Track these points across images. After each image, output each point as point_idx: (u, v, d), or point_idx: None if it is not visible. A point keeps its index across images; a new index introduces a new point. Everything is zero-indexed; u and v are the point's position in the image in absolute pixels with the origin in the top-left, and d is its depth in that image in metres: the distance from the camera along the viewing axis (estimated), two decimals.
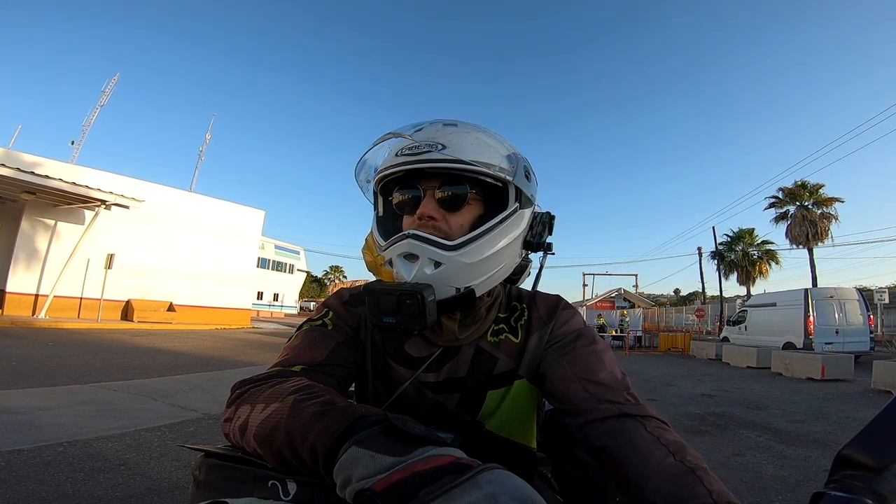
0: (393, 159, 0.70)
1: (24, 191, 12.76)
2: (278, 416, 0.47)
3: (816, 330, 12.22)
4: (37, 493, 2.39)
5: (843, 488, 0.34)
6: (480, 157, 0.68)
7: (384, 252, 0.70)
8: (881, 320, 18.07)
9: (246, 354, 9.70)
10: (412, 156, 0.67)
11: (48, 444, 3.11)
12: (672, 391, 7.25)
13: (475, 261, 0.67)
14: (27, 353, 7.53)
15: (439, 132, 0.69)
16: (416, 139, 0.68)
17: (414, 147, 0.67)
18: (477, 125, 0.74)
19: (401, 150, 0.69)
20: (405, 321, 0.64)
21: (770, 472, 3.43)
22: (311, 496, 0.46)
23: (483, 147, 0.69)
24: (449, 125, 0.71)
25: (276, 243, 40.36)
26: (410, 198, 0.71)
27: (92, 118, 29.51)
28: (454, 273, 0.66)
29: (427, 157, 0.66)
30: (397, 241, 0.67)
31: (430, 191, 0.70)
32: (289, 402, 0.48)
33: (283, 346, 0.72)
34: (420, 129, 0.70)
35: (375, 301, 0.65)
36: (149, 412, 4.25)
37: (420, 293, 0.62)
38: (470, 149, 0.67)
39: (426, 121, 0.73)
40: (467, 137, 0.69)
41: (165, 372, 6.64)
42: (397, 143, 0.70)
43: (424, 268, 0.65)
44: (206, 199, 19.60)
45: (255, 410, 0.51)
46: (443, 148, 0.66)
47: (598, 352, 0.70)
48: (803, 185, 22.88)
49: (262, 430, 0.47)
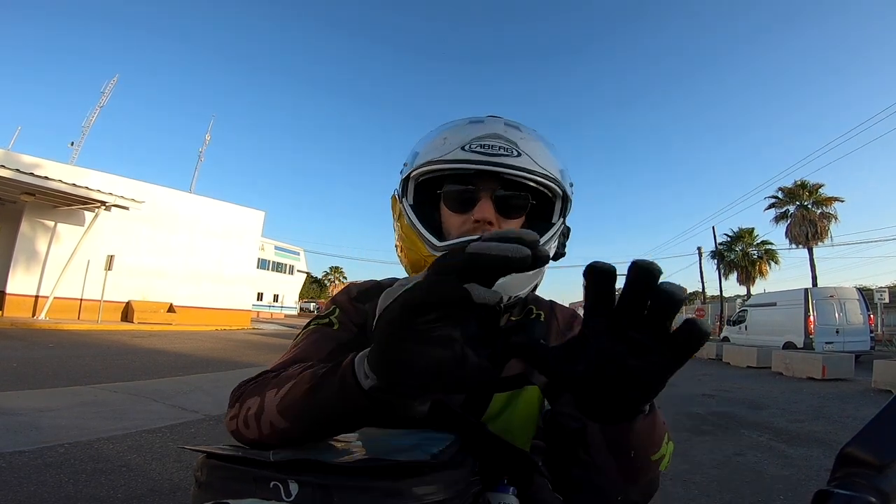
0: (461, 153, 0.65)
1: (24, 192, 12.77)
2: (299, 386, 0.47)
3: (817, 329, 12.23)
4: (39, 495, 2.39)
5: (847, 486, 0.34)
6: (551, 169, 0.66)
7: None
8: (881, 320, 18.08)
9: (246, 355, 9.71)
10: (488, 155, 0.64)
11: (49, 446, 3.11)
12: (673, 391, 7.25)
13: (531, 273, 0.67)
14: (27, 354, 7.53)
15: (507, 132, 0.66)
16: (486, 138, 0.65)
17: (487, 146, 0.64)
18: (538, 131, 0.71)
19: (470, 145, 0.65)
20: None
21: (771, 471, 3.43)
22: (312, 497, 0.46)
23: (550, 158, 0.68)
24: (511, 126, 0.68)
25: (276, 244, 40.37)
26: (465, 197, 0.68)
27: (91, 119, 29.56)
28: (516, 283, 0.65)
29: (505, 162, 0.64)
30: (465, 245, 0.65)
31: (487, 192, 0.67)
32: (306, 375, 0.48)
33: (290, 344, 0.72)
34: (488, 127, 0.67)
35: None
36: (149, 413, 4.25)
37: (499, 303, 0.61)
38: (541, 158, 0.66)
39: (486, 115, 0.71)
40: (536, 145, 0.67)
41: (166, 373, 6.65)
42: (459, 135, 0.67)
43: None
44: (205, 199, 19.64)
45: (268, 396, 0.51)
46: (518, 154, 0.64)
47: None
48: (803, 184, 22.91)
49: (285, 403, 0.48)
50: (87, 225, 14.44)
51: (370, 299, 0.77)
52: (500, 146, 0.64)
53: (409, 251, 0.72)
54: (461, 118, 0.72)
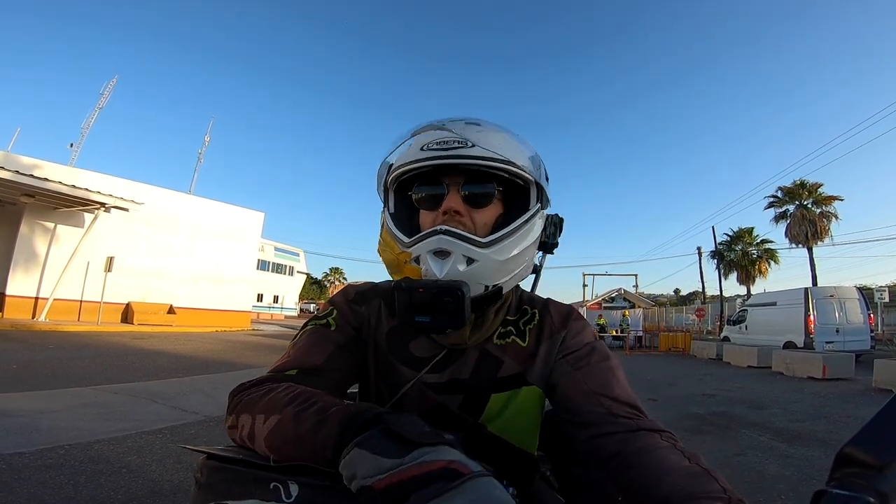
0: (419, 153, 0.68)
1: (24, 193, 12.77)
2: (283, 430, 0.50)
3: (817, 329, 12.21)
4: (38, 496, 2.39)
5: (845, 486, 0.34)
6: (510, 156, 0.67)
7: (410, 248, 0.68)
8: (881, 319, 18.04)
9: (246, 356, 9.70)
10: (442, 150, 0.66)
11: (49, 447, 3.11)
12: (673, 391, 7.25)
13: (505, 258, 0.67)
14: (27, 356, 7.52)
15: (465, 129, 0.68)
16: (443, 137, 0.67)
17: (442, 142, 0.66)
18: (501, 124, 0.73)
19: (427, 145, 0.67)
20: (442, 320, 0.62)
21: (772, 471, 3.43)
22: (312, 498, 0.46)
23: (511, 146, 0.69)
24: (472, 123, 0.70)
25: (276, 245, 40.34)
26: (433, 194, 0.70)
27: (91, 121, 29.48)
28: (487, 270, 0.66)
29: (459, 153, 0.65)
30: (427, 237, 0.65)
31: (454, 187, 0.69)
32: (288, 414, 0.50)
33: (288, 345, 0.72)
34: (443, 127, 0.69)
35: (408, 298, 0.63)
36: (150, 415, 4.25)
37: (460, 289, 0.61)
38: (499, 147, 0.67)
39: (447, 118, 0.72)
40: (495, 136, 0.69)
41: (166, 374, 6.64)
42: (420, 139, 0.69)
43: (458, 264, 0.64)
44: (205, 201, 19.62)
45: (258, 421, 0.53)
46: (472, 145, 0.65)
47: (612, 368, 0.70)
48: (802, 184, 22.89)
49: (272, 442, 0.51)
50: (86, 226, 14.44)
51: (367, 301, 0.78)
52: (454, 140, 0.66)
53: (384, 252, 0.77)
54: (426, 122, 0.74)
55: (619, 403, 0.65)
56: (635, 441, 0.59)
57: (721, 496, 0.47)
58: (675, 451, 0.56)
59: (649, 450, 0.57)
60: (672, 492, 0.49)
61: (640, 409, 0.66)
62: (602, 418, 0.64)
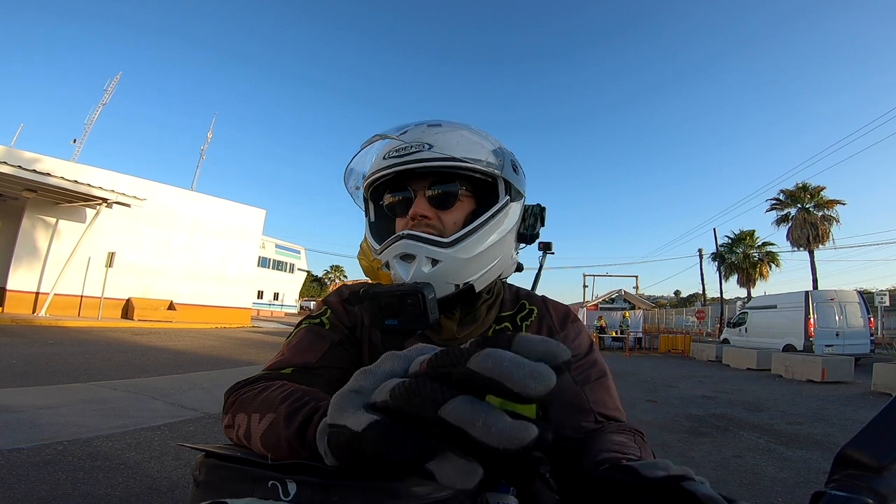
0: (381, 162, 0.70)
1: (26, 189, 12.78)
2: (277, 429, 0.50)
3: (817, 332, 12.21)
4: (36, 492, 2.39)
5: (844, 488, 0.34)
6: (468, 154, 0.68)
7: (380, 255, 0.70)
8: (881, 323, 18.03)
9: (246, 353, 9.71)
10: (400, 157, 0.68)
11: (48, 443, 3.11)
12: (672, 392, 7.24)
13: (471, 256, 0.67)
14: (27, 351, 7.54)
15: (425, 133, 0.69)
16: (404, 140, 0.68)
17: (401, 149, 0.68)
18: (461, 123, 0.74)
19: (388, 153, 0.69)
20: (408, 321, 0.64)
21: (770, 473, 3.43)
22: (311, 497, 0.46)
23: (469, 143, 0.70)
24: (433, 125, 0.71)
25: (277, 242, 40.38)
26: (402, 200, 0.72)
27: (94, 117, 29.56)
28: (452, 270, 0.67)
29: (415, 157, 0.67)
30: (392, 242, 0.67)
31: (420, 191, 0.70)
32: (282, 413, 0.51)
33: (282, 343, 0.72)
34: (405, 132, 0.71)
35: (377, 304, 0.65)
36: (149, 411, 4.25)
37: (420, 292, 0.62)
38: (457, 146, 0.68)
39: (410, 123, 0.74)
40: (453, 135, 0.70)
41: (166, 371, 6.65)
42: (384, 147, 0.71)
43: (422, 266, 0.65)
44: (207, 197, 19.62)
45: (253, 420, 0.53)
46: (430, 147, 0.67)
47: (608, 385, 0.73)
48: (804, 187, 22.88)
49: (267, 441, 0.51)
50: (88, 222, 14.44)
51: (361, 301, 0.79)
52: (412, 146, 0.67)
53: (362, 259, 0.80)
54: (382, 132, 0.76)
55: (609, 420, 0.68)
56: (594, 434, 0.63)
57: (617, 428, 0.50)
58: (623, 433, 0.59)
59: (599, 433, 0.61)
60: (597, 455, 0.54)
61: (622, 420, 0.69)
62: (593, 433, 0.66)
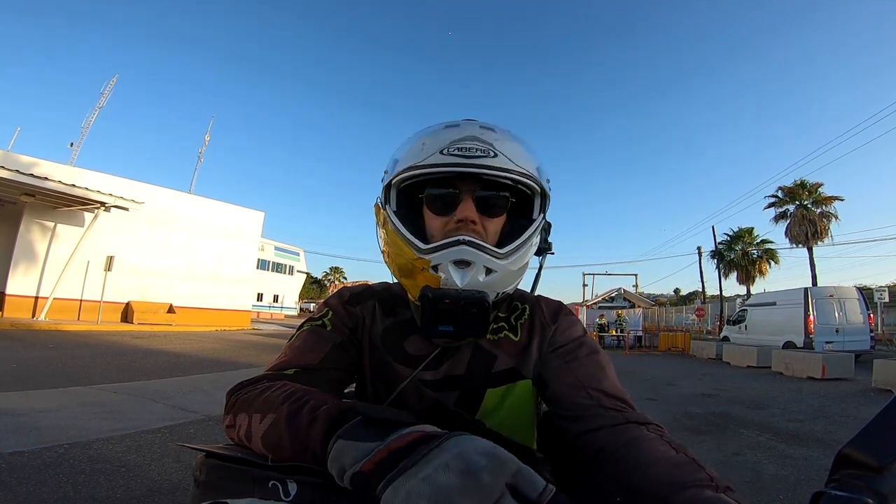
0: (440, 157, 0.66)
1: (24, 193, 12.75)
2: (278, 431, 0.50)
3: (817, 329, 12.21)
4: (37, 495, 2.39)
5: (844, 487, 0.34)
6: (526, 167, 0.68)
7: (430, 256, 0.66)
8: (881, 319, 18.05)
9: (246, 356, 9.70)
10: (466, 157, 0.65)
11: (48, 446, 3.10)
12: (672, 390, 7.24)
13: (518, 268, 0.69)
14: (27, 355, 7.52)
15: (483, 135, 0.67)
16: (463, 141, 0.66)
17: (465, 149, 0.65)
18: (513, 132, 0.72)
19: (448, 149, 0.66)
20: (465, 329, 0.63)
21: (770, 471, 3.43)
22: (311, 496, 0.46)
23: (525, 156, 0.69)
24: (487, 129, 0.69)
25: (276, 244, 40.33)
26: (447, 197, 0.69)
27: (91, 120, 29.50)
28: (501, 280, 0.67)
29: (483, 163, 0.65)
30: (449, 246, 0.65)
31: (469, 193, 0.68)
32: (283, 413, 0.51)
33: (284, 345, 0.72)
34: (458, 127, 0.69)
35: (433, 308, 0.63)
36: (149, 414, 4.24)
37: (486, 301, 0.62)
38: (516, 157, 0.67)
39: (459, 120, 0.72)
40: (513, 145, 0.68)
41: (166, 374, 6.64)
42: (436, 139, 0.68)
43: (478, 275, 0.64)
44: (205, 200, 19.60)
45: (254, 420, 0.53)
46: (495, 155, 0.65)
47: (601, 362, 0.71)
48: (802, 184, 22.89)
49: (268, 441, 0.51)
50: (86, 226, 14.41)
51: (362, 302, 0.79)
52: (476, 148, 0.65)
53: (396, 256, 0.71)
54: (438, 123, 0.73)
55: (607, 396, 0.66)
56: (623, 434, 0.59)
57: (708, 483, 0.47)
58: (663, 442, 0.56)
59: (637, 442, 0.57)
60: (659, 482, 0.49)
61: (629, 401, 0.66)
62: (590, 410, 0.64)
